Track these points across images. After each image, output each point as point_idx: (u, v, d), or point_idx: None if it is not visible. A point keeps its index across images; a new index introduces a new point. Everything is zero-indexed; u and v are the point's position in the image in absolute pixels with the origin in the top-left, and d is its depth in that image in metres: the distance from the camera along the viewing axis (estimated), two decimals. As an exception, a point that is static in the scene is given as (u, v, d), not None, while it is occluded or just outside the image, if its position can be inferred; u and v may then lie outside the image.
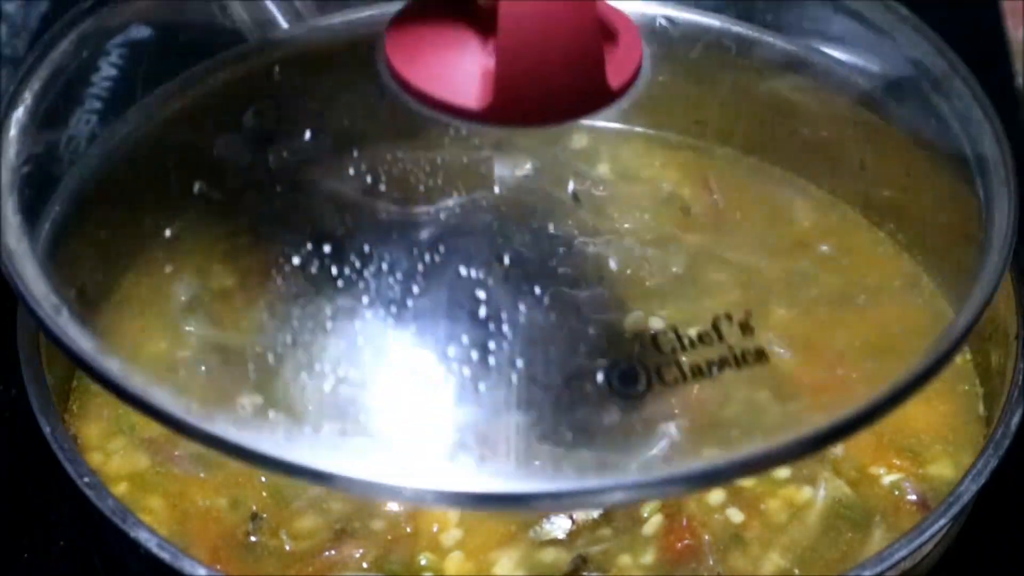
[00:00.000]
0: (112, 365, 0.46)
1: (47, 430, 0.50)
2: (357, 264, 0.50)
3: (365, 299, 0.49)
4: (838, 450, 0.51)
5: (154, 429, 0.51)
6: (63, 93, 0.55)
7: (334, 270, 0.50)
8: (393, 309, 0.49)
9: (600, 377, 0.47)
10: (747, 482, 0.49)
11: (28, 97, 0.54)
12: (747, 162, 0.59)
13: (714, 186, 0.58)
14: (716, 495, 0.49)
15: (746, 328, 0.49)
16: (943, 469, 0.51)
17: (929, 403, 0.52)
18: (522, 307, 0.48)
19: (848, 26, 0.58)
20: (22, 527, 0.57)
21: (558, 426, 0.47)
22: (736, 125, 0.60)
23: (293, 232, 0.51)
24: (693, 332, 0.48)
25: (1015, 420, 0.50)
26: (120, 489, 0.51)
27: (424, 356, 0.48)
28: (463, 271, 0.49)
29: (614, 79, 0.48)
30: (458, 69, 0.48)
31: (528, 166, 0.52)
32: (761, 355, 0.48)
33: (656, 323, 0.53)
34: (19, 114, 0.53)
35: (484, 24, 0.48)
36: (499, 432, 0.46)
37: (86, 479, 0.49)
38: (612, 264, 0.51)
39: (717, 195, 0.58)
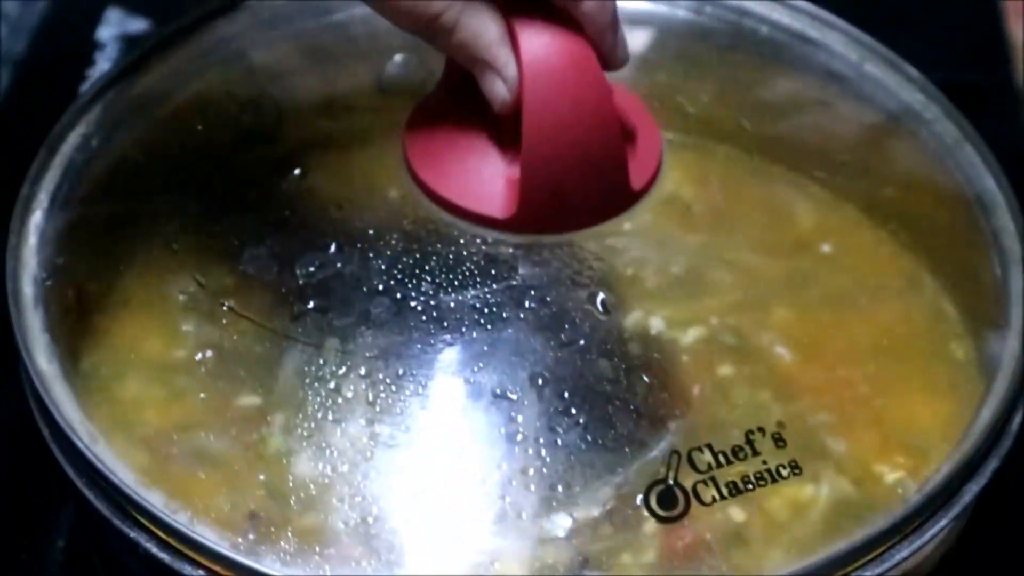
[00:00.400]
0: (155, 499, 0.47)
1: (46, 431, 0.50)
2: (392, 388, 0.50)
3: (403, 426, 0.49)
4: (841, 448, 0.51)
5: (153, 427, 0.51)
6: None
7: (369, 395, 0.50)
8: (430, 438, 0.50)
9: (639, 500, 0.48)
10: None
11: (44, 199, 0.53)
12: (748, 162, 0.59)
13: (714, 185, 0.58)
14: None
15: (779, 440, 0.50)
16: (947, 468, 0.51)
17: (933, 402, 0.52)
18: (558, 428, 0.49)
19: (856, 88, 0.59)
20: (22, 527, 0.57)
21: (600, 553, 0.48)
22: (737, 124, 0.60)
23: (325, 355, 0.51)
24: (728, 448, 0.49)
25: (1016, 420, 0.50)
26: (119, 489, 0.51)
27: (466, 484, 0.49)
28: (497, 392, 0.50)
29: (636, 180, 0.49)
30: (481, 178, 0.49)
31: (554, 269, 0.52)
32: (795, 467, 0.49)
33: (656, 324, 0.53)
34: (36, 219, 0.53)
35: (504, 130, 0.49)
36: (542, 560, 0.48)
37: (86, 479, 0.49)
38: (644, 376, 0.51)
39: (717, 194, 0.58)
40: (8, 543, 0.57)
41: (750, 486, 0.49)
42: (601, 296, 0.52)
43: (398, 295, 0.52)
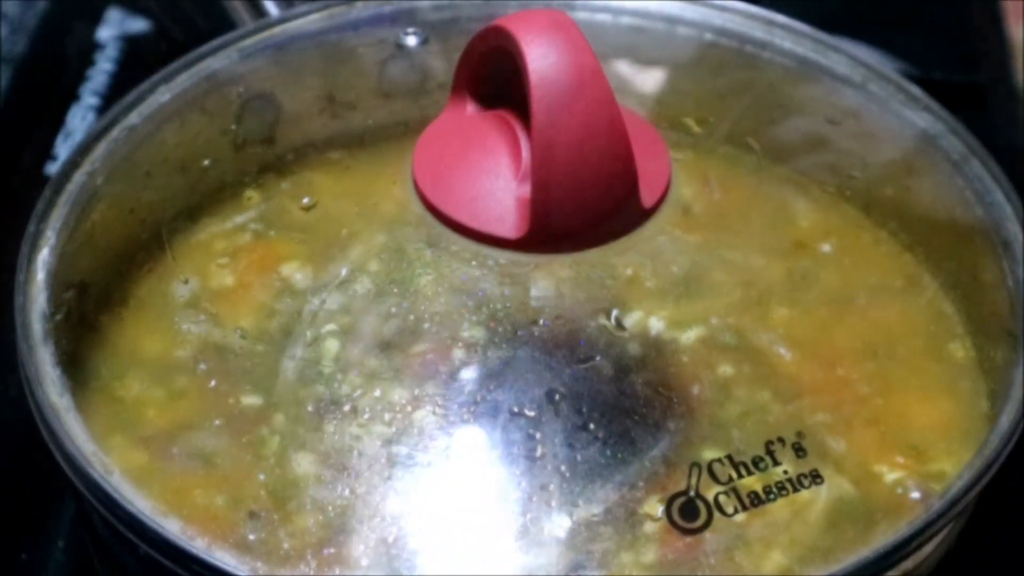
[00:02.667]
0: (172, 526, 0.47)
1: (54, 450, 0.50)
2: (408, 408, 0.50)
3: (419, 445, 0.49)
4: (841, 448, 0.51)
5: (153, 427, 0.51)
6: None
7: (385, 416, 0.50)
8: (446, 454, 0.49)
9: (660, 511, 0.48)
10: (749, 480, 0.49)
11: (51, 236, 0.53)
12: (747, 161, 0.59)
13: (714, 185, 0.58)
14: (717, 492, 0.49)
15: (800, 450, 0.50)
16: (946, 467, 0.51)
17: (933, 400, 0.52)
18: (576, 444, 0.49)
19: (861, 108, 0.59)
20: (22, 527, 0.57)
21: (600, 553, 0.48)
22: (737, 124, 0.60)
23: (339, 376, 0.51)
24: (748, 459, 0.49)
25: (1018, 419, 0.50)
26: (118, 489, 0.51)
27: (481, 501, 0.49)
28: (514, 410, 0.50)
29: (647, 197, 0.49)
30: (492, 198, 0.49)
31: (568, 288, 0.52)
32: (816, 476, 0.49)
33: (656, 324, 0.53)
34: (44, 256, 0.53)
35: (514, 149, 0.49)
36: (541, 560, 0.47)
37: (85, 485, 0.49)
38: (646, 377, 0.51)
39: (717, 194, 0.58)
40: (8, 543, 0.57)
41: (772, 495, 0.49)
42: (607, 306, 0.52)
43: (409, 320, 0.52)
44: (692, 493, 0.49)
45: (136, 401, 0.52)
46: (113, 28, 0.77)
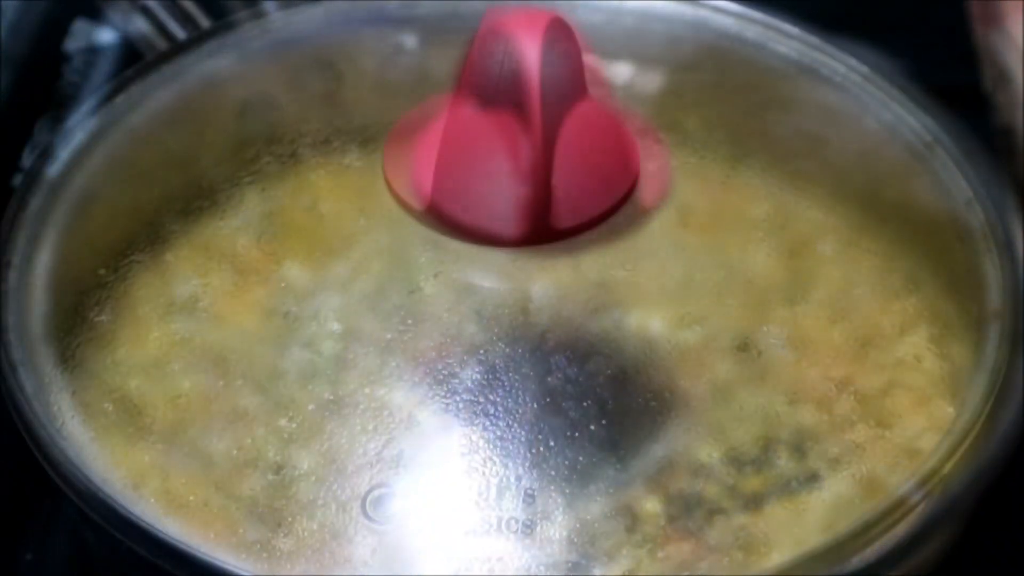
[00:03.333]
0: (172, 527, 0.47)
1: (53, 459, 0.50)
2: (408, 408, 0.50)
3: (419, 445, 0.49)
4: (841, 448, 0.51)
5: (153, 427, 0.51)
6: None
7: (385, 414, 0.50)
8: (446, 454, 0.50)
9: (660, 511, 0.48)
10: (749, 480, 0.49)
11: (51, 236, 0.53)
12: (747, 161, 0.59)
13: (714, 185, 0.59)
14: (717, 492, 0.49)
15: (800, 450, 0.50)
16: (946, 468, 0.51)
17: (933, 401, 0.52)
18: (576, 444, 0.49)
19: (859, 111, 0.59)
20: (22, 527, 0.57)
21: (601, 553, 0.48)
22: (737, 124, 0.60)
23: (339, 376, 0.51)
24: (747, 458, 0.49)
25: (1019, 419, 0.50)
26: (118, 488, 0.51)
27: (481, 501, 0.49)
28: (514, 410, 0.50)
29: (647, 197, 0.49)
30: (491, 197, 0.49)
31: (568, 288, 0.52)
32: (816, 476, 0.49)
33: (656, 324, 0.53)
34: (44, 256, 0.53)
35: (514, 148, 0.49)
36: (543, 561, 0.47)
37: (80, 489, 0.49)
38: (646, 378, 0.51)
39: (717, 194, 0.58)
40: (8, 543, 0.57)
41: (771, 497, 0.49)
42: (607, 306, 0.52)
43: (409, 320, 0.52)
44: (692, 493, 0.49)
45: (136, 401, 0.52)
46: (113, 28, 0.77)
